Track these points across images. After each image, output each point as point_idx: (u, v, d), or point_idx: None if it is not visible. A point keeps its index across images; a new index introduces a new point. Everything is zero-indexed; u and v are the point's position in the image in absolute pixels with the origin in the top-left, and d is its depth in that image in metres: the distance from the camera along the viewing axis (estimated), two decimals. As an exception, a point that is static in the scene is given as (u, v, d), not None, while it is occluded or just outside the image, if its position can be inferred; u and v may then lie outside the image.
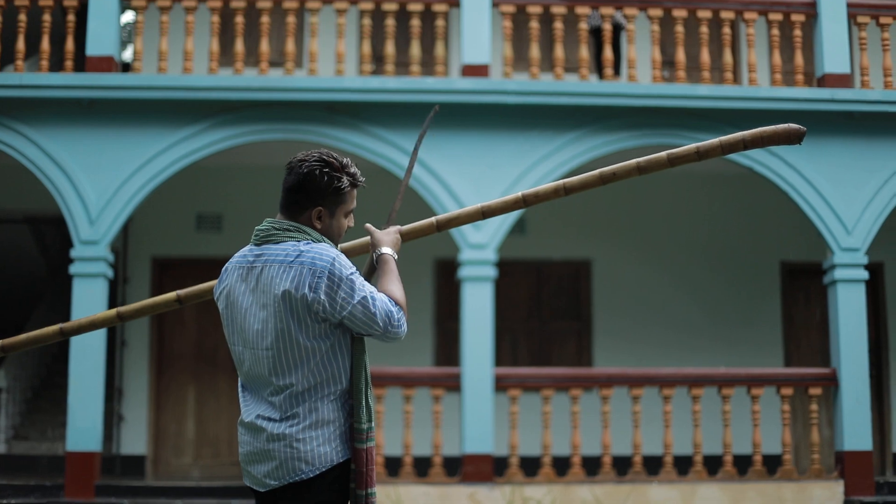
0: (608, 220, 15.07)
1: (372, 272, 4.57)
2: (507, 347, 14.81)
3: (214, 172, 14.29)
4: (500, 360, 14.06)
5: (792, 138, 4.77)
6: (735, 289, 15.09)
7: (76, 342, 11.82)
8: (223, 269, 4.48)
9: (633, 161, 4.90)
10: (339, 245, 4.53)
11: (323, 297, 4.14)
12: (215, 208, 14.68)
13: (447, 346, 14.65)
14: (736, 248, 15.15)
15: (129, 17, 17.96)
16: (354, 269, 4.26)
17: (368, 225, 4.58)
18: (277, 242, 4.29)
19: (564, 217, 14.86)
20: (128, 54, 18.28)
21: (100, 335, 11.86)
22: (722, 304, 15.05)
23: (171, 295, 5.10)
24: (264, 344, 4.22)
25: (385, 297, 4.24)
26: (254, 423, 4.25)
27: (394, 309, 4.23)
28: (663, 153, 4.88)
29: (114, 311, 5.16)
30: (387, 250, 4.48)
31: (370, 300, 4.18)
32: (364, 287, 4.20)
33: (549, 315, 15.07)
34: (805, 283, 15.03)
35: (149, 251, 14.62)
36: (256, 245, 4.35)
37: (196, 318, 14.54)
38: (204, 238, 14.55)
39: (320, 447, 4.18)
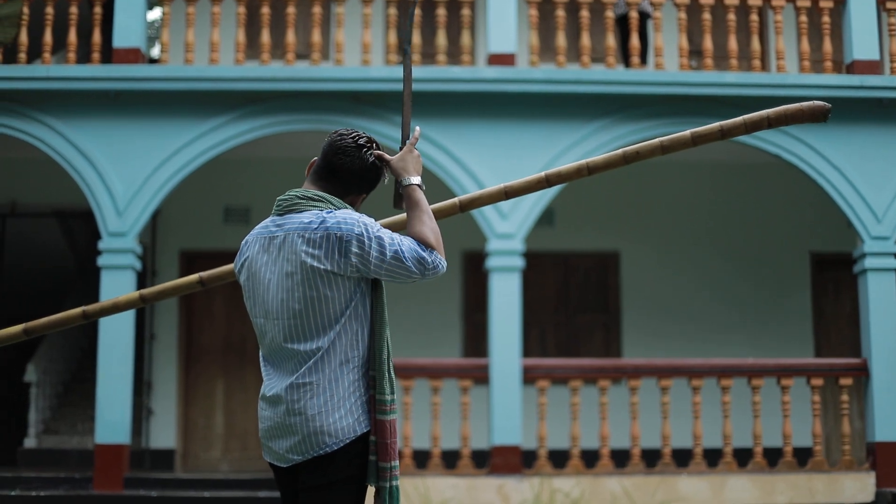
0: (636, 212, 14.98)
1: (398, 203, 4.48)
2: (536, 340, 14.74)
3: (242, 165, 14.31)
4: (528, 352, 13.98)
5: (817, 115, 4.71)
6: (764, 280, 14.96)
7: (104, 335, 11.87)
8: (243, 241, 4.45)
9: (657, 140, 4.85)
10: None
11: (354, 259, 4.11)
12: (243, 201, 14.68)
13: (475, 338, 14.60)
14: (765, 240, 15.02)
15: (156, 14, 17.99)
16: (378, 224, 4.23)
17: (382, 153, 4.42)
18: (300, 211, 4.25)
19: (592, 209, 14.78)
20: (155, 51, 18.30)
21: (128, 329, 11.89)
22: (751, 295, 14.92)
23: (194, 277, 5.09)
24: (287, 314, 4.17)
25: (413, 243, 4.18)
26: (275, 397, 4.20)
27: (424, 253, 4.17)
28: (687, 132, 4.83)
29: (136, 293, 5.15)
30: (414, 180, 4.37)
31: (401, 253, 4.13)
32: (393, 240, 4.15)
33: (577, 307, 15.00)
34: (835, 274, 14.89)
35: (177, 244, 14.64)
36: (279, 215, 4.32)
37: (225, 311, 14.54)
38: (232, 230, 14.53)
39: (342, 419, 4.13)
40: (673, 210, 15.02)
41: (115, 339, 11.84)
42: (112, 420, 11.68)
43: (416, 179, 4.37)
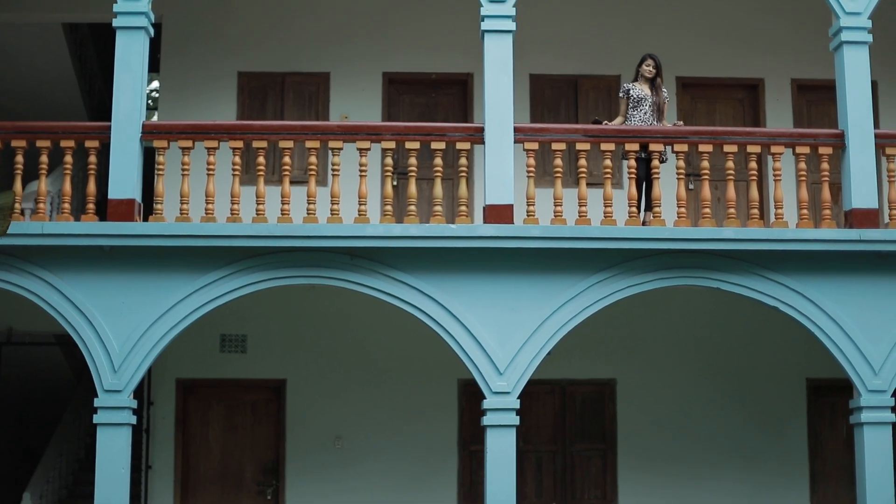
0: (632, 340, 15.02)
1: None
2: (532, 469, 14.76)
3: (237, 294, 14.25)
4: (523, 483, 13.96)
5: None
6: (760, 407, 15.01)
7: (101, 467, 11.76)
8: None
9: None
10: None
11: None
12: (239, 329, 14.69)
13: (471, 470, 14.61)
14: (761, 367, 15.07)
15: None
16: None
17: None
18: None
19: (588, 337, 14.67)
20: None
21: (125, 460, 11.79)
22: (748, 422, 14.96)
23: None
24: None
25: None
26: None
27: None
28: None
29: None
30: None
31: None
32: None
33: (573, 436, 15.02)
34: (831, 400, 14.91)
35: (173, 373, 14.63)
36: None
37: (221, 441, 14.55)
38: (228, 359, 14.55)
39: None
40: (668, 338, 15.08)
41: (112, 472, 11.72)
42: (110, 553, 11.66)
43: None
